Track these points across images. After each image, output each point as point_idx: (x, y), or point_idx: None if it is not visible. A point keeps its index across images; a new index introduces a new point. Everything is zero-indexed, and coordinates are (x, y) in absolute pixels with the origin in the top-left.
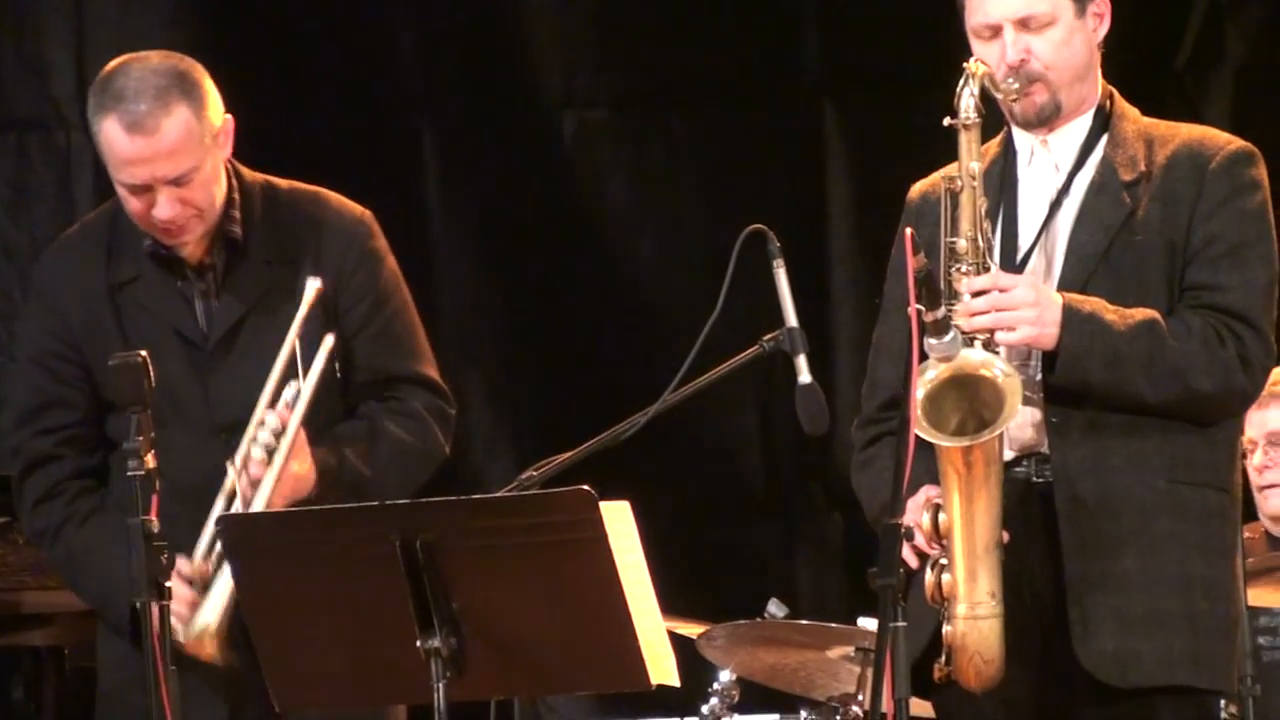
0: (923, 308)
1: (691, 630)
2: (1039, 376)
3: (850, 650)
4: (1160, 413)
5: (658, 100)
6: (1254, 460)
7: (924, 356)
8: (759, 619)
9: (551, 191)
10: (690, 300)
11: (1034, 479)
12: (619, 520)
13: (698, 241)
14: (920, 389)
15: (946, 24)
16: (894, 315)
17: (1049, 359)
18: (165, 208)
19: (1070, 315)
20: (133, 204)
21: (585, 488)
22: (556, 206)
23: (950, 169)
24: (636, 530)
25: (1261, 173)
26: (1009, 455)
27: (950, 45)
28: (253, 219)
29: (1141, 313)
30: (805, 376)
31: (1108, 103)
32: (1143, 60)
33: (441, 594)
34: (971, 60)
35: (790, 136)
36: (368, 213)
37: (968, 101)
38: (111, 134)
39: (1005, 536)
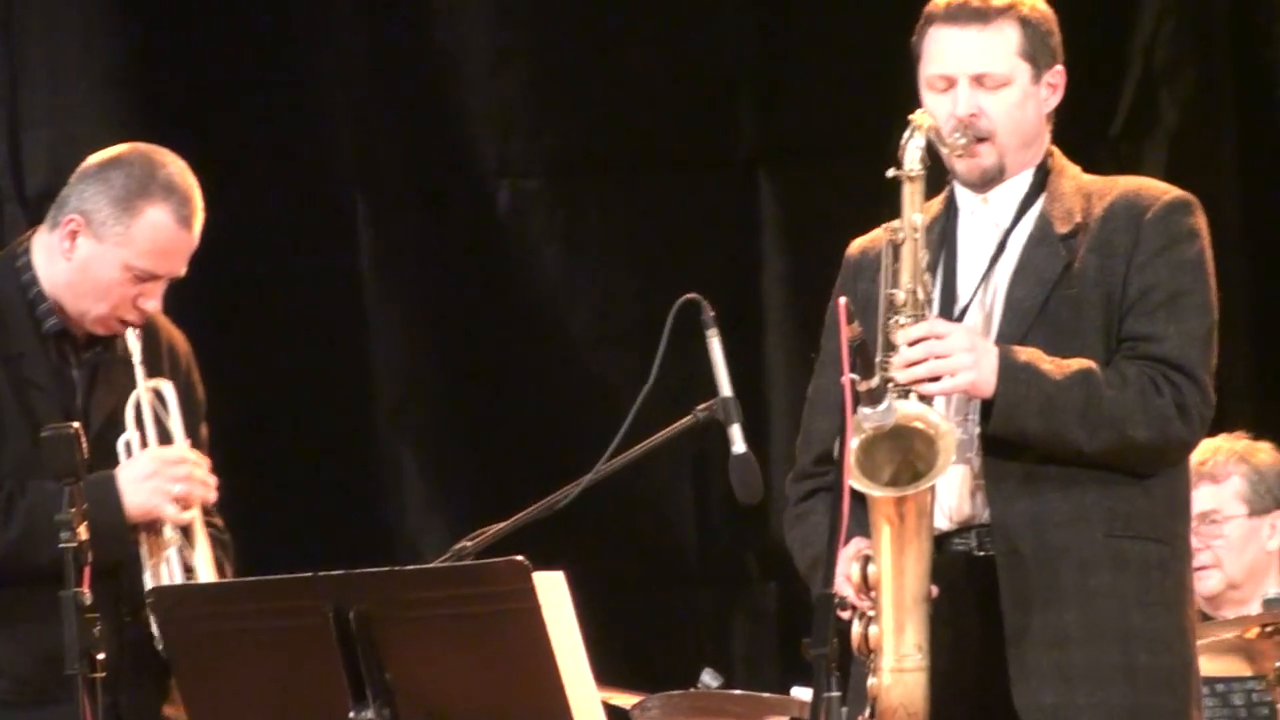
0: (857, 377)
1: (626, 700)
2: (976, 434)
3: None
4: (1097, 463)
5: (592, 169)
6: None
7: (858, 426)
8: (693, 689)
9: (485, 260)
10: (625, 369)
11: (975, 553)
12: (553, 590)
13: (632, 310)
14: (854, 439)
15: (882, 93)
16: (829, 369)
17: (985, 409)
18: (156, 302)
19: (1006, 364)
20: (125, 289)
21: (519, 558)
22: (490, 275)
23: (893, 221)
24: (571, 600)
25: (1200, 221)
26: (949, 526)
27: (886, 114)
28: None
29: (1078, 362)
30: (739, 446)
31: (1049, 160)
32: (1078, 126)
33: (375, 665)
34: (918, 112)
35: (724, 205)
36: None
37: (912, 153)
38: (161, 223)
39: (934, 591)
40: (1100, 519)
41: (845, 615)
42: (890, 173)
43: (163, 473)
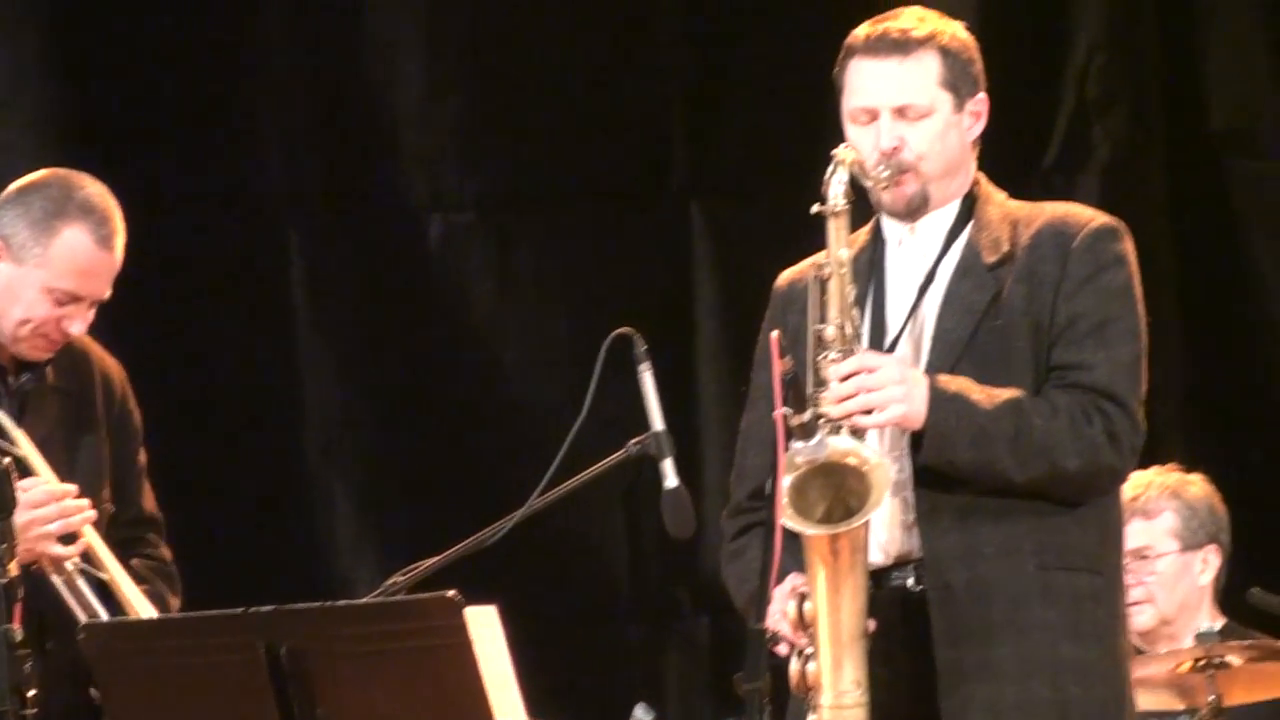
0: (789, 411)
1: None
2: (909, 469)
3: None
4: (1028, 492)
5: (524, 202)
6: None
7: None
8: None
9: (418, 293)
10: (557, 403)
11: (909, 587)
12: (485, 625)
13: (564, 344)
14: (787, 477)
15: (813, 125)
16: (761, 404)
17: (915, 441)
18: (81, 324)
19: (936, 394)
20: (48, 310)
21: (451, 593)
22: (423, 308)
23: (819, 257)
24: (503, 634)
25: (1127, 247)
26: (884, 562)
27: (817, 146)
28: None
29: (1007, 392)
30: (671, 480)
31: (975, 188)
32: (1011, 158)
33: (307, 701)
34: (841, 147)
35: (657, 238)
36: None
37: (836, 189)
38: (78, 244)
39: (871, 625)
40: (1031, 550)
41: (780, 650)
42: (815, 209)
43: (36, 520)
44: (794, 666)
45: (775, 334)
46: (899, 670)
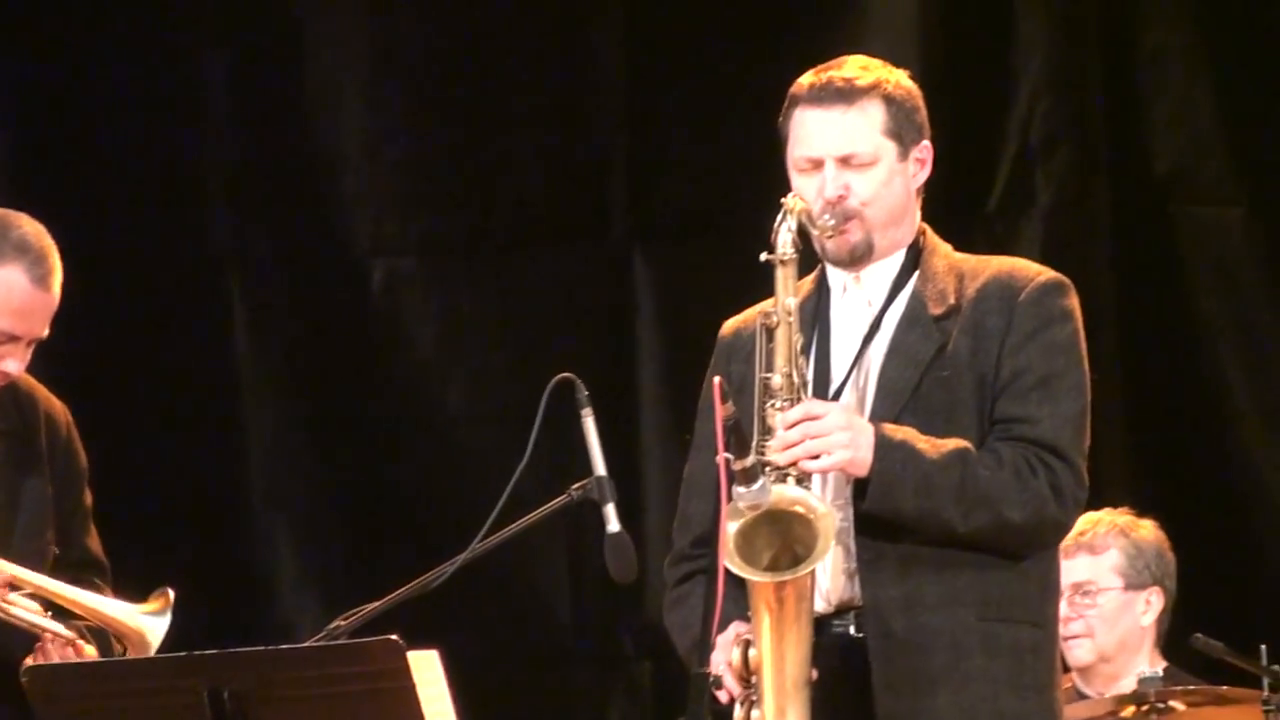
0: (731, 456)
1: None
2: (852, 518)
3: None
4: (972, 544)
5: (466, 248)
6: (1060, 611)
7: (733, 505)
8: None
9: (361, 338)
10: (500, 448)
11: (852, 634)
12: (427, 669)
13: (506, 389)
14: (733, 524)
15: (757, 170)
16: (704, 452)
17: (860, 488)
18: (17, 363)
19: (882, 442)
20: None
21: (393, 637)
22: (366, 353)
23: (766, 304)
24: (445, 679)
25: (1072, 302)
26: (826, 609)
27: (762, 192)
28: None
29: (953, 442)
30: (614, 525)
31: (921, 239)
32: (954, 202)
33: None
34: (790, 196)
35: (599, 284)
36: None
37: (785, 237)
38: (14, 282)
39: (814, 674)
40: (973, 602)
41: (721, 696)
42: (763, 257)
43: None
44: (738, 714)
45: (717, 380)
46: (842, 717)
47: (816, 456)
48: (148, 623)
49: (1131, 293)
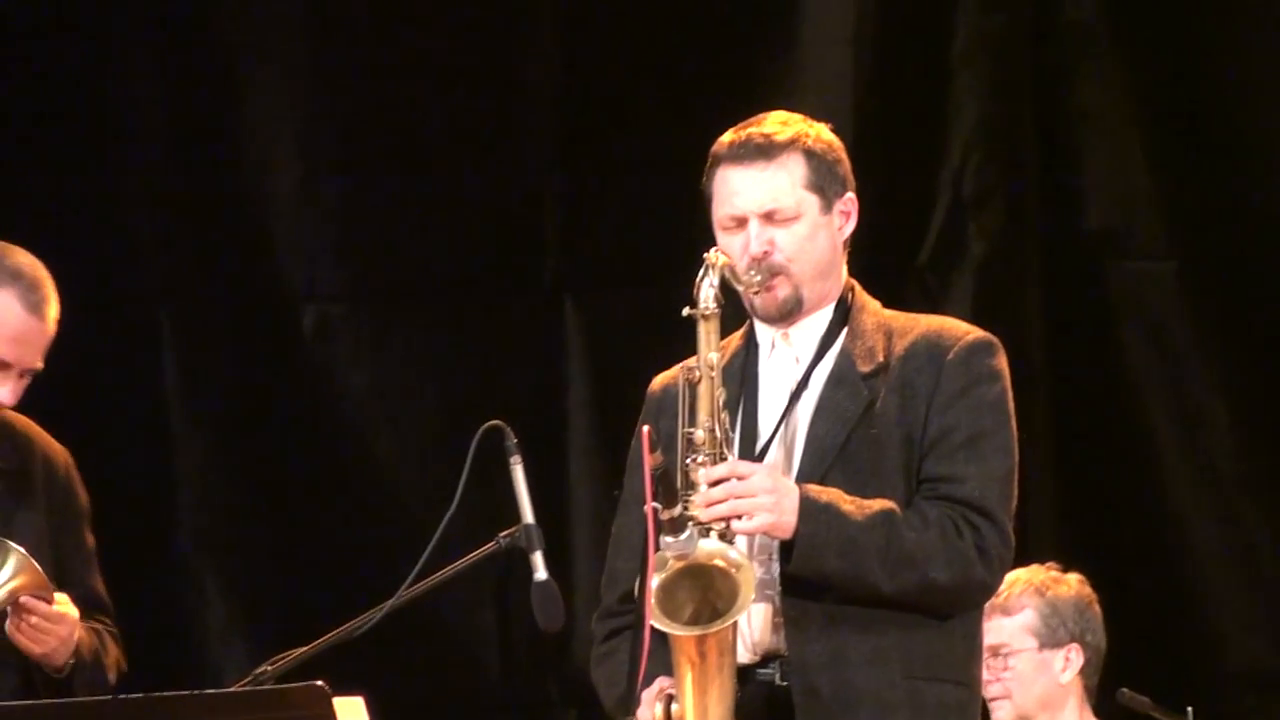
0: (659, 505)
1: None
2: (777, 572)
3: None
4: (897, 604)
5: (398, 294)
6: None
7: (660, 554)
8: None
9: (291, 383)
10: (428, 494)
11: (777, 682)
12: (353, 715)
13: (436, 436)
14: (655, 579)
15: (686, 221)
16: (633, 508)
17: (785, 549)
18: (9, 393)
19: (807, 504)
20: None
21: (318, 683)
22: (296, 399)
23: (690, 360)
24: None
25: (1001, 362)
26: (752, 659)
27: (692, 242)
28: None
29: (879, 503)
30: (541, 573)
31: (849, 295)
32: (885, 256)
33: None
34: (712, 251)
35: (530, 331)
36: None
37: (707, 292)
38: (6, 309)
39: None
40: (899, 660)
41: None
42: (685, 312)
43: None
44: None
45: (646, 429)
46: None
47: (739, 517)
48: None
49: (1063, 347)
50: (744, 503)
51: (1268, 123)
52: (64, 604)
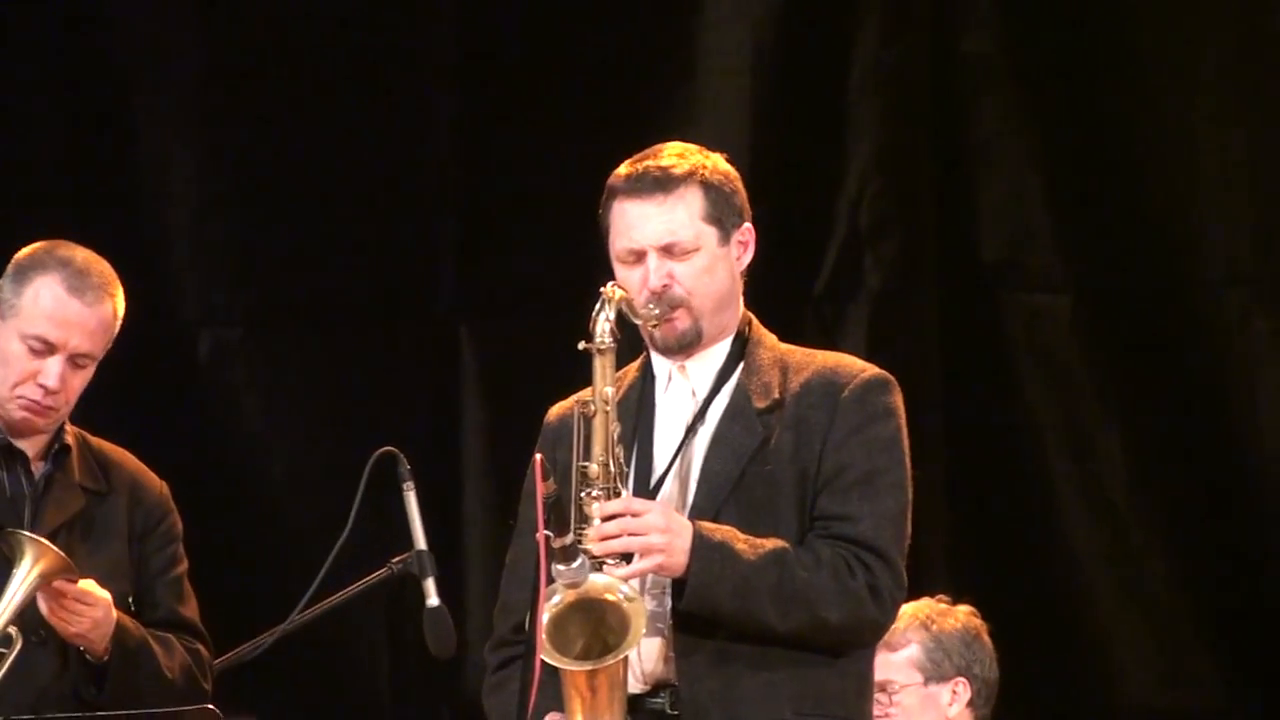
0: (551, 534)
1: None
2: (669, 606)
3: None
4: (789, 643)
5: (293, 319)
6: None
7: (551, 581)
8: None
9: (185, 408)
10: (321, 520)
11: (667, 711)
12: None
13: (330, 461)
14: (545, 613)
15: (585, 248)
16: (527, 537)
17: (678, 585)
18: (54, 377)
19: (700, 543)
20: (24, 365)
21: (209, 706)
22: (189, 423)
23: (585, 393)
24: None
25: (896, 400)
26: (643, 688)
27: (589, 270)
28: (74, 442)
29: (772, 542)
30: (433, 599)
31: (746, 329)
32: (781, 286)
33: None
34: (608, 285)
35: (425, 359)
36: (165, 483)
37: (603, 326)
38: (47, 290)
39: None
40: (789, 697)
41: None
42: (581, 346)
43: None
44: None
45: (538, 456)
46: None
47: (630, 556)
48: None
49: (958, 378)
50: (637, 540)
51: (1164, 157)
52: (90, 586)
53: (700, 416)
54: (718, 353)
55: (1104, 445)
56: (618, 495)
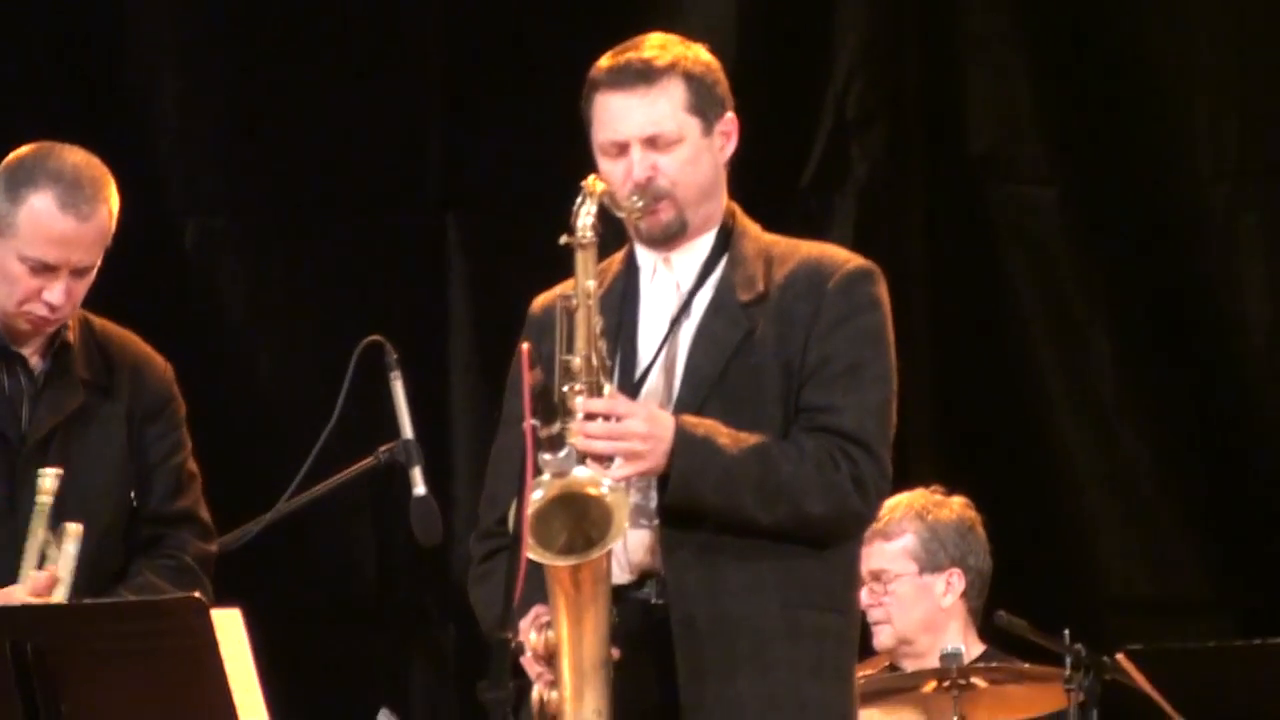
0: (538, 423)
1: None
2: (655, 500)
3: None
4: (774, 535)
5: (280, 208)
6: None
7: (539, 471)
8: None
9: (172, 297)
10: (308, 409)
11: (653, 600)
12: (229, 627)
13: (317, 351)
14: (530, 508)
15: (572, 139)
16: (513, 428)
17: (662, 480)
18: (59, 294)
19: (683, 437)
20: (26, 284)
21: (195, 595)
22: (177, 313)
23: (567, 284)
24: (247, 638)
25: (881, 291)
26: (627, 579)
27: (576, 160)
28: (76, 335)
29: (755, 437)
30: (420, 488)
31: (730, 220)
32: (767, 178)
33: (51, 698)
34: (590, 178)
35: (412, 248)
36: (169, 364)
37: (584, 220)
38: (42, 209)
39: (616, 653)
40: (776, 589)
41: (533, 672)
42: (563, 240)
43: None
44: (536, 693)
45: (525, 345)
46: (645, 703)
47: (612, 458)
48: None
49: (944, 270)
50: (620, 445)
51: (1153, 49)
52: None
53: (685, 309)
54: (702, 245)
55: (1091, 337)
56: (600, 390)
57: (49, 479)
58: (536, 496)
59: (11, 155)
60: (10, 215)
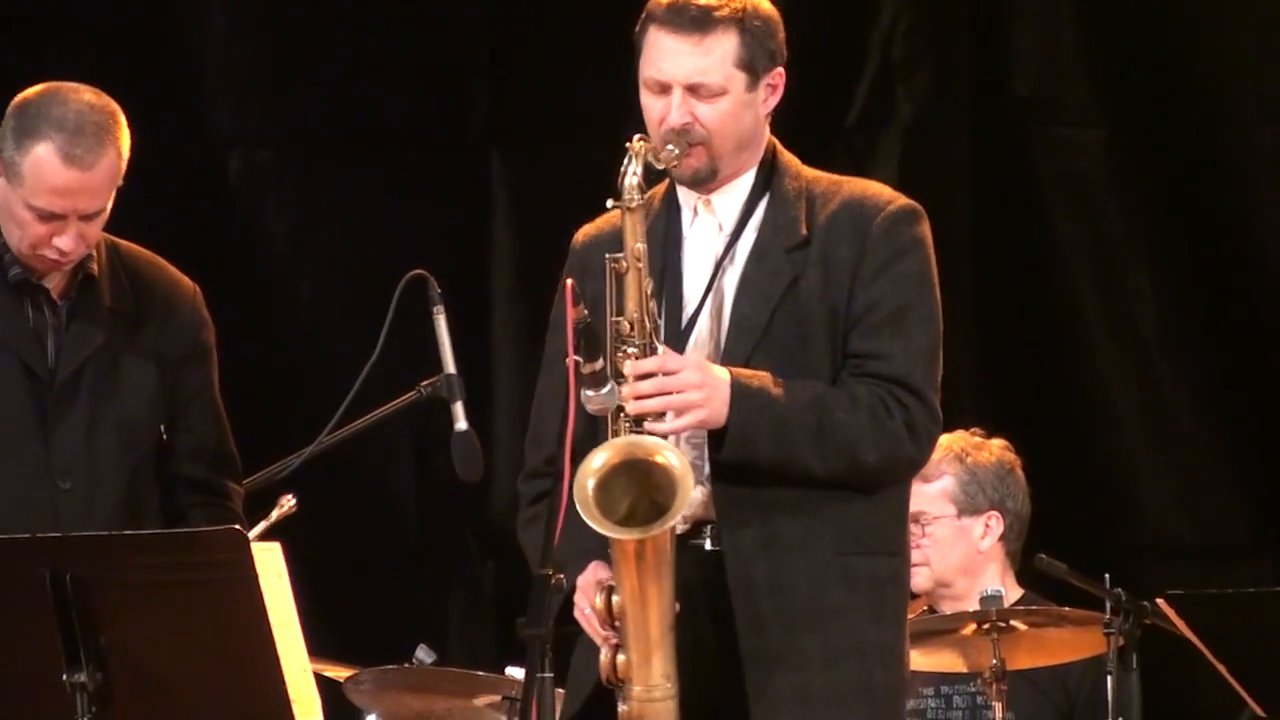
0: (580, 359)
1: (339, 673)
2: (707, 455)
3: (497, 699)
4: (828, 484)
5: (325, 141)
6: None
7: (581, 408)
8: (407, 664)
9: (215, 230)
10: (351, 343)
11: (708, 547)
12: (270, 561)
13: (360, 285)
14: (591, 478)
15: (616, 76)
16: (556, 368)
17: (716, 436)
18: (69, 240)
19: (738, 392)
20: (35, 229)
21: (236, 527)
22: (219, 245)
23: (611, 217)
24: (287, 571)
25: (924, 231)
26: (684, 529)
27: (620, 97)
28: (102, 264)
29: (808, 386)
30: (461, 424)
31: (770, 158)
32: (812, 117)
33: (90, 629)
34: (635, 139)
35: (456, 183)
36: (197, 286)
37: (630, 180)
38: (46, 160)
39: (677, 608)
40: (831, 537)
41: (599, 636)
42: (610, 204)
43: None
44: (604, 657)
45: (569, 281)
46: (704, 653)
47: (667, 413)
48: None
49: (989, 211)
50: (675, 399)
51: None
52: None
53: (728, 254)
54: (742, 185)
55: (1133, 279)
56: (654, 352)
57: None
58: (598, 464)
59: (20, 96)
60: (16, 164)
